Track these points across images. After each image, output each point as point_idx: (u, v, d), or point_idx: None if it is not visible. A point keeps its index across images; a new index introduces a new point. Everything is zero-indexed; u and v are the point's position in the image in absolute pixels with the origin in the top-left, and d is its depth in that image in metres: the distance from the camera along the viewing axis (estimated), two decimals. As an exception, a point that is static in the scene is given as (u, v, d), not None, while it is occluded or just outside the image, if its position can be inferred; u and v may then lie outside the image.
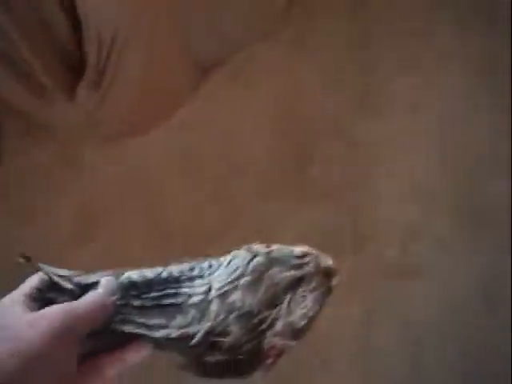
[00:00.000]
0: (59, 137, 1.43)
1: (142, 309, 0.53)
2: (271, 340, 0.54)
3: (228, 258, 0.57)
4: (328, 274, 0.58)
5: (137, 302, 0.53)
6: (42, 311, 0.47)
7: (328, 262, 0.58)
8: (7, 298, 0.49)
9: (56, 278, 0.52)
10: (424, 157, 1.48)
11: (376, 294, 1.36)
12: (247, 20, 1.43)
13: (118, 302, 0.52)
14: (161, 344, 0.53)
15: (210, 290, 0.54)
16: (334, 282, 0.58)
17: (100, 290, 0.52)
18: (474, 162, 1.46)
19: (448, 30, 1.61)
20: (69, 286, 0.53)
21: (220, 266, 0.56)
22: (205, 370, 0.55)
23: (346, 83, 1.56)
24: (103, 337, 0.52)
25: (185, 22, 1.31)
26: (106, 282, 0.53)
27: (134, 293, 0.53)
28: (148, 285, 0.54)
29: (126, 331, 0.52)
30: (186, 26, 1.32)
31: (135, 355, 0.52)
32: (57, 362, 0.45)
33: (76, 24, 1.21)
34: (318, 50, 1.59)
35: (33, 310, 0.48)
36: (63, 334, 0.46)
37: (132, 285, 0.54)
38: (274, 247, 0.57)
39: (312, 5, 1.61)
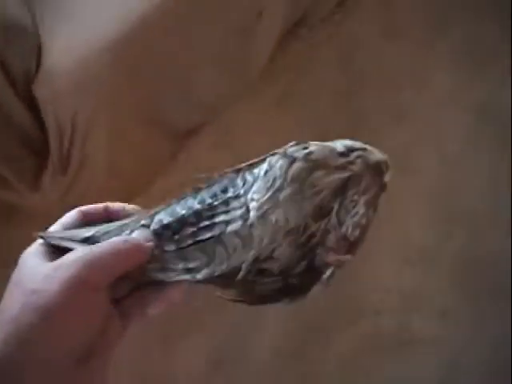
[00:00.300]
0: (38, 219, 1.40)
1: (178, 251, 0.49)
2: (324, 257, 0.49)
3: (264, 167, 0.51)
4: (379, 169, 0.51)
5: (172, 247, 0.49)
6: (59, 261, 0.45)
7: (378, 155, 0.52)
8: (26, 252, 0.48)
9: (69, 243, 0.49)
10: (420, 215, 1.38)
11: (373, 371, 1.27)
12: (222, 84, 1.37)
13: (154, 251, 0.49)
14: (207, 282, 0.49)
15: (247, 211, 0.49)
16: (387, 178, 0.51)
17: (134, 235, 0.49)
18: (473, 219, 1.36)
19: (443, 76, 1.53)
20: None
21: (256, 179, 0.50)
22: (258, 298, 0.51)
23: (334, 139, 1.48)
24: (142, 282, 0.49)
25: (153, 95, 1.26)
26: (139, 231, 0.50)
27: (168, 234, 0.49)
28: (180, 222, 0.50)
29: (166, 280, 0.48)
30: (155, 98, 1.27)
31: (177, 292, 0.49)
32: (79, 312, 0.43)
33: (36, 111, 1.18)
34: (304, 105, 1.52)
35: (53, 260, 0.46)
36: (81, 283, 0.43)
37: (165, 228, 0.50)
38: (313, 147, 0.51)
39: (295, 61, 1.55)
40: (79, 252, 0.45)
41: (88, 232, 0.50)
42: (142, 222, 0.50)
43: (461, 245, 1.34)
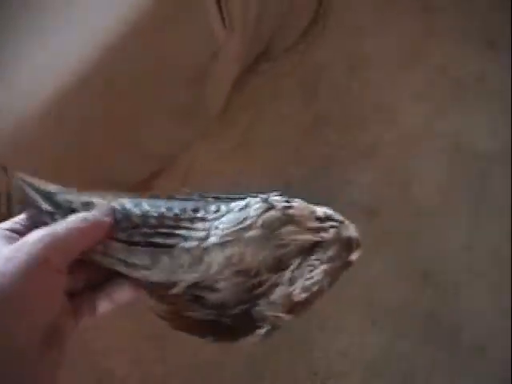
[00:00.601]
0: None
1: (126, 243, 0.49)
2: (263, 310, 0.48)
3: (240, 204, 0.51)
4: (348, 245, 0.52)
5: (123, 235, 0.49)
6: (20, 243, 0.45)
7: (351, 232, 0.52)
8: None
9: (32, 194, 0.49)
10: (383, 268, 1.31)
11: None
12: (174, 134, 1.29)
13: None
14: (141, 285, 0.49)
15: (208, 236, 0.49)
16: (354, 256, 0.52)
17: (93, 211, 0.49)
18: (446, 273, 1.28)
19: (413, 108, 1.46)
20: (47, 207, 0.49)
21: (229, 211, 0.51)
22: (185, 324, 0.50)
23: (297, 180, 1.41)
24: (92, 268, 0.49)
25: (99, 154, 1.19)
26: (100, 204, 0.50)
27: (123, 224, 0.49)
28: (141, 217, 0.49)
29: (103, 264, 0.48)
30: (101, 157, 1.20)
31: (122, 294, 0.50)
32: (39, 291, 0.43)
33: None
34: (266, 144, 1.45)
35: (13, 242, 0.45)
36: (42, 263, 0.43)
37: (124, 213, 0.49)
38: (295, 203, 0.52)
39: (255, 97, 1.48)
40: (39, 232, 0.45)
41: (53, 189, 0.50)
42: (106, 199, 0.51)
43: (431, 303, 1.26)
